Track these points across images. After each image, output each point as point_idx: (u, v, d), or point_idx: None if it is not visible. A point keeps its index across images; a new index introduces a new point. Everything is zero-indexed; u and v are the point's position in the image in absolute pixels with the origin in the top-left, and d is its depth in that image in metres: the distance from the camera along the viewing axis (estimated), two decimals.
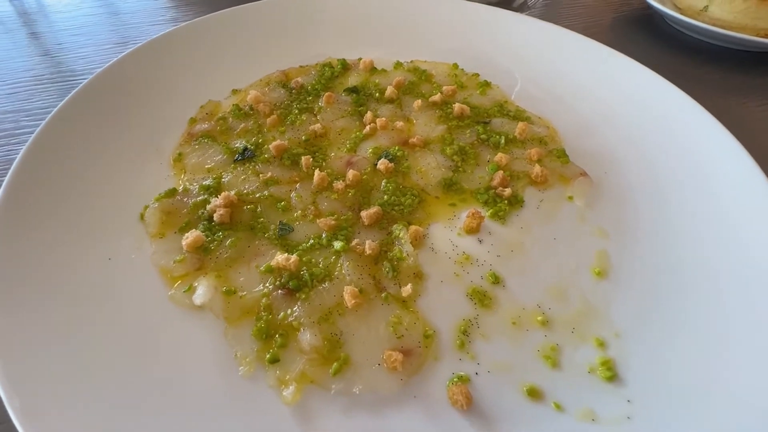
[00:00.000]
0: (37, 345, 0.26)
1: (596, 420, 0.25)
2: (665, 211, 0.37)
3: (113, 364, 0.27)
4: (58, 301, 0.29)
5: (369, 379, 0.27)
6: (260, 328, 0.29)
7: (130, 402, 0.25)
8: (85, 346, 0.27)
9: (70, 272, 0.31)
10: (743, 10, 0.61)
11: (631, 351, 0.29)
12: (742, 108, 0.56)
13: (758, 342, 0.26)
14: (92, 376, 0.26)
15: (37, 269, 0.30)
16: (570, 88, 0.51)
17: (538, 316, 0.31)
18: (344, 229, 0.36)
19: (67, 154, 0.38)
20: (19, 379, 0.24)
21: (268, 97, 0.48)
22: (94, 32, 0.66)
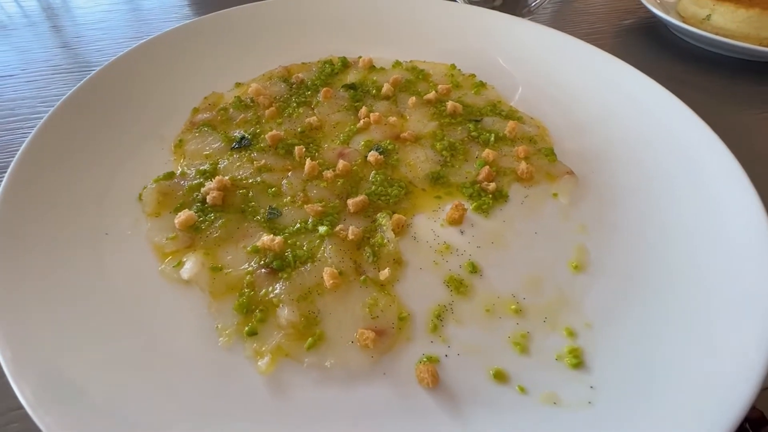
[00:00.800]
0: (36, 305, 0.28)
1: (558, 403, 0.26)
2: (647, 212, 0.38)
3: (104, 327, 0.29)
4: (57, 267, 0.31)
5: (341, 355, 0.29)
6: (242, 302, 0.31)
7: (118, 360, 0.27)
8: (79, 308, 0.29)
9: (69, 243, 0.33)
10: (746, 19, 0.61)
11: (600, 341, 0.29)
12: (741, 116, 0.56)
13: (718, 338, 0.27)
14: (85, 336, 0.28)
15: (42, 237, 0.32)
16: (565, 90, 0.52)
17: (512, 305, 0.32)
18: (330, 215, 0.37)
19: (76, 137, 0.40)
20: (16, 333, 0.26)
21: (269, 90, 0.50)
22: (111, 27, 0.69)
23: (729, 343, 0.26)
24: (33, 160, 0.36)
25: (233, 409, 0.26)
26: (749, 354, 0.25)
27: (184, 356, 0.28)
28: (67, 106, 0.42)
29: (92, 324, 0.29)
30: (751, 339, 0.25)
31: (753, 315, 0.27)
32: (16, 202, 0.33)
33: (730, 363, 0.25)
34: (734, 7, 0.61)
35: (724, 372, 0.25)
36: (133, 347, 0.28)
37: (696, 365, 0.26)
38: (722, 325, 0.27)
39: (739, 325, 0.27)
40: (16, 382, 0.24)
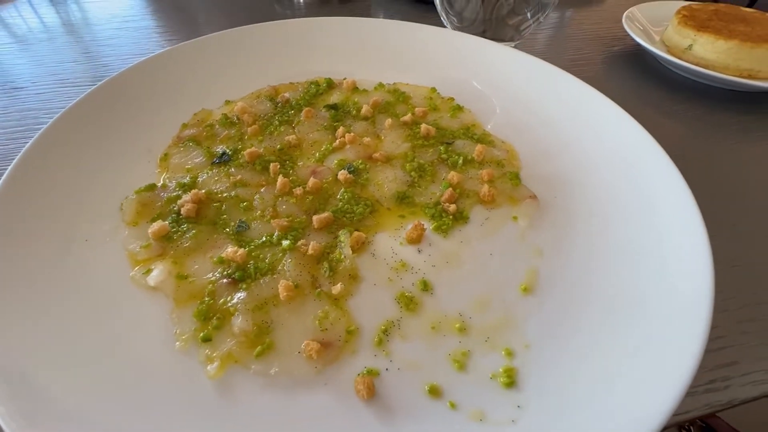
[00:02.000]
0: (11, 299, 0.31)
1: (483, 420, 0.27)
2: (601, 239, 0.39)
3: (69, 327, 0.31)
4: (36, 269, 0.34)
5: (287, 364, 0.30)
6: (201, 310, 0.33)
7: (78, 358, 0.29)
8: (49, 309, 0.31)
9: (50, 247, 0.36)
10: (725, 50, 0.62)
11: (536, 362, 0.30)
12: (716, 145, 0.57)
13: (650, 367, 0.27)
14: (49, 335, 0.30)
15: (28, 240, 0.35)
16: (540, 116, 0.53)
17: (457, 323, 0.33)
18: (295, 230, 0.39)
19: (70, 148, 0.44)
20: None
21: (254, 108, 0.53)
22: (119, 44, 0.74)
23: (653, 368, 0.27)
24: (28, 169, 0.40)
25: (181, 410, 0.28)
26: (671, 379, 0.25)
27: (141, 357, 0.30)
28: (64, 119, 0.45)
29: (58, 324, 0.31)
30: (679, 364, 0.26)
31: (684, 340, 0.28)
32: (8, 206, 0.36)
33: (650, 386, 0.26)
34: (714, 38, 0.62)
35: (645, 392, 0.26)
36: (94, 346, 0.30)
37: (621, 389, 0.27)
38: (650, 352, 0.28)
39: (670, 351, 0.28)
40: None
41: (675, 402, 0.24)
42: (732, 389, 0.32)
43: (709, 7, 0.70)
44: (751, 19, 0.67)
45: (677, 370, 0.26)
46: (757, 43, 0.60)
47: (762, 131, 0.58)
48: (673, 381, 0.25)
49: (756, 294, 0.38)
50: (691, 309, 0.29)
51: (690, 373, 0.25)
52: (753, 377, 0.33)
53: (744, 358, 0.34)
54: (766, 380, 0.32)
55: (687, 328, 0.28)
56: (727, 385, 0.32)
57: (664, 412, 0.24)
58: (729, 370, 0.33)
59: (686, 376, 0.25)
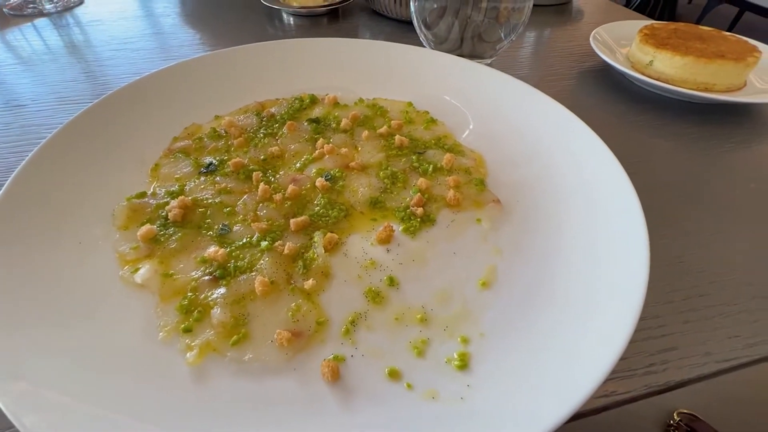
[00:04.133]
0: (8, 294, 0.34)
1: (435, 398, 0.30)
2: (555, 240, 0.42)
3: (61, 317, 0.34)
4: (31, 270, 0.36)
5: (260, 352, 0.33)
6: (183, 304, 0.36)
7: (67, 347, 0.32)
8: (42, 301, 0.34)
9: (46, 248, 0.39)
10: (683, 65, 0.66)
11: (489, 349, 0.33)
12: (676, 153, 0.60)
13: (586, 348, 0.30)
14: (44, 321, 0.33)
15: (26, 242, 0.38)
16: (508, 127, 0.57)
17: (419, 314, 0.36)
18: (273, 232, 0.42)
19: (68, 160, 0.47)
20: None
21: (241, 122, 0.57)
22: (117, 64, 0.78)
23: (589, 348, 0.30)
24: (28, 179, 0.43)
25: (161, 394, 0.30)
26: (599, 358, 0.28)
27: (126, 347, 0.33)
28: (62, 133, 0.49)
29: (49, 317, 0.34)
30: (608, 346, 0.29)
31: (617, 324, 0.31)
32: (8, 213, 0.39)
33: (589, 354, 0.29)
34: (672, 54, 0.67)
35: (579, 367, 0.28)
36: (82, 337, 0.33)
37: (559, 365, 0.30)
38: (588, 337, 0.31)
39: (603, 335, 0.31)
40: None
41: (600, 378, 0.27)
42: (669, 372, 0.35)
43: (669, 26, 0.75)
44: (707, 36, 0.72)
45: (608, 351, 0.29)
46: (711, 59, 0.64)
47: (716, 140, 0.62)
48: (604, 359, 0.28)
49: (698, 287, 0.41)
50: (626, 298, 0.32)
51: (619, 350, 0.28)
52: (690, 361, 0.35)
53: (683, 344, 0.37)
54: (701, 364, 0.35)
55: (620, 315, 0.31)
56: (665, 368, 0.35)
57: (595, 380, 0.27)
58: (668, 355, 0.36)
59: (616, 353, 0.28)
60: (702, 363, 0.35)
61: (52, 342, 0.32)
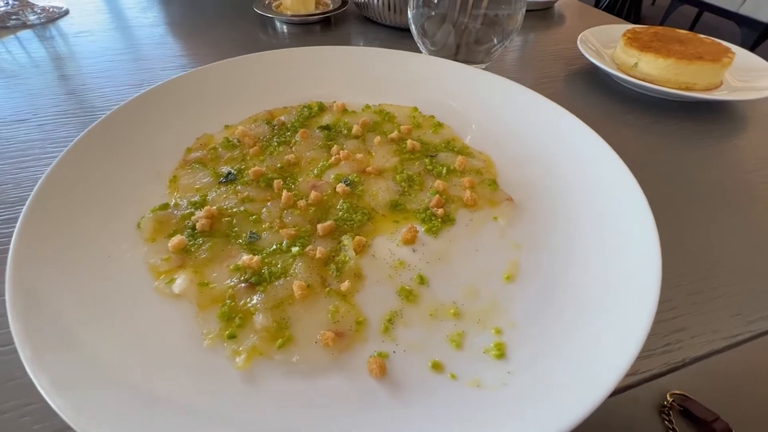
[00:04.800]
0: (49, 311, 0.33)
1: (480, 386, 0.32)
2: (568, 233, 0.44)
3: (104, 331, 0.34)
4: (65, 286, 0.36)
5: (306, 353, 0.34)
6: (224, 311, 0.36)
7: (116, 361, 0.32)
8: (81, 317, 0.34)
9: (77, 265, 0.39)
10: (665, 66, 0.71)
11: (522, 337, 0.35)
12: (663, 149, 0.65)
13: (613, 330, 0.33)
14: (87, 339, 0.33)
15: (54, 261, 0.38)
16: (510, 129, 0.60)
17: (452, 309, 0.38)
18: (302, 238, 0.44)
19: (84, 174, 0.46)
20: (30, 331, 0.31)
21: (253, 131, 0.58)
22: (114, 75, 0.77)
23: (617, 330, 0.32)
24: (47, 195, 0.42)
25: (213, 398, 0.31)
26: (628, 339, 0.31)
27: (173, 356, 0.34)
28: (76, 148, 0.48)
29: (93, 333, 0.34)
30: (631, 326, 0.32)
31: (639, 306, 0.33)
32: (34, 229, 0.39)
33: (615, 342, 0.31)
34: (655, 56, 0.72)
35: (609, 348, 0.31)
36: (127, 351, 0.33)
37: (591, 348, 0.32)
38: (613, 320, 0.34)
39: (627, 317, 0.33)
40: (35, 374, 0.29)
41: (636, 351, 0.29)
42: (684, 349, 0.38)
43: (650, 29, 0.81)
44: (685, 39, 0.77)
45: (635, 330, 0.31)
46: (691, 60, 0.69)
47: (700, 136, 0.67)
48: (633, 338, 0.31)
49: (700, 271, 0.45)
50: (644, 284, 0.35)
51: (645, 330, 0.31)
52: (701, 339, 0.39)
53: (693, 324, 0.40)
54: (711, 341, 0.39)
55: (641, 298, 0.34)
56: (680, 347, 0.38)
57: (628, 358, 0.29)
58: (681, 335, 0.39)
59: (642, 332, 0.31)
60: (711, 340, 0.39)
61: (101, 354, 0.32)
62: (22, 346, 0.30)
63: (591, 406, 0.27)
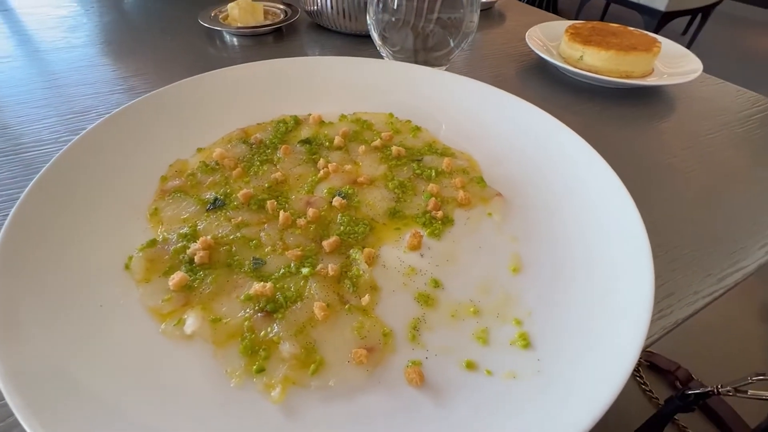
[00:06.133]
0: (46, 383, 0.30)
1: (516, 377, 0.33)
2: (556, 219, 0.47)
3: (117, 395, 0.31)
4: (64, 349, 0.33)
5: (341, 374, 0.34)
6: (246, 345, 0.35)
7: (142, 415, 0.29)
8: (88, 384, 0.31)
9: (66, 321, 0.35)
10: (608, 58, 0.78)
11: (540, 324, 0.37)
12: (614, 133, 0.71)
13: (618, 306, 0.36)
14: (100, 407, 0.30)
15: (41, 327, 0.34)
16: (482, 127, 0.62)
17: (471, 308, 0.39)
18: (309, 257, 0.43)
19: (50, 219, 0.42)
20: (38, 409, 0.28)
21: (231, 152, 0.56)
22: (54, 104, 0.70)
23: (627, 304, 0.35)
24: (17, 245, 0.38)
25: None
26: (640, 310, 0.34)
27: (200, 402, 0.32)
28: (34, 190, 0.43)
29: (105, 395, 0.31)
30: (640, 299, 0.35)
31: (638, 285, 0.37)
32: (11, 290, 0.35)
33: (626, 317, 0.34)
34: (597, 49, 0.78)
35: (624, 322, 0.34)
36: (151, 404, 0.31)
37: (604, 325, 0.35)
38: (616, 297, 0.37)
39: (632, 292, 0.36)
40: None
41: (647, 324, 0.32)
42: (675, 313, 0.42)
43: (587, 25, 0.88)
44: (618, 32, 0.85)
45: (642, 303, 0.34)
46: (628, 51, 0.77)
47: (643, 119, 0.75)
48: (642, 310, 0.34)
49: (671, 241, 0.50)
50: (638, 260, 0.39)
51: (650, 304, 0.34)
52: (686, 301, 0.43)
53: (676, 289, 0.45)
54: (694, 301, 0.43)
55: (640, 276, 0.37)
56: (671, 311, 0.42)
57: (643, 328, 0.32)
58: (670, 300, 0.43)
59: (648, 306, 0.34)
60: (693, 301, 0.44)
61: (126, 415, 0.29)
62: (32, 427, 0.26)
63: (623, 376, 0.30)
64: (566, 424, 0.28)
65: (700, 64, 0.80)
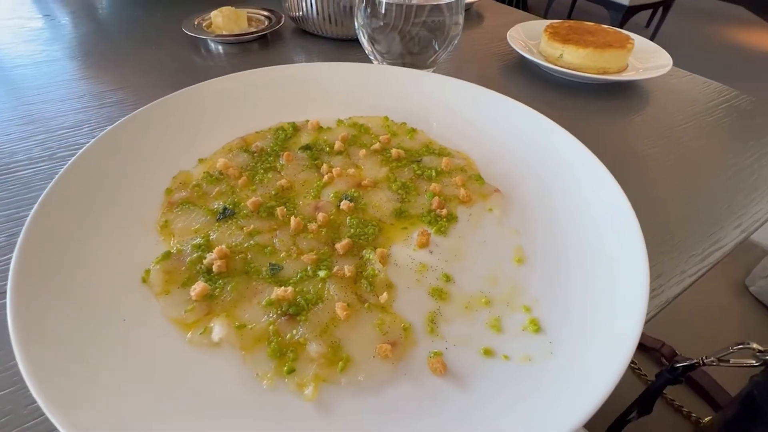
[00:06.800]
0: (85, 399, 0.30)
1: (532, 360, 0.36)
2: (552, 211, 0.50)
3: (155, 408, 0.32)
4: (95, 367, 0.33)
5: (369, 369, 0.35)
6: (274, 348, 0.36)
7: (183, 424, 0.30)
8: (126, 401, 0.32)
9: (92, 338, 0.35)
10: (585, 55, 0.82)
11: (548, 309, 0.40)
12: (595, 126, 0.75)
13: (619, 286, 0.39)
14: (140, 417, 0.31)
15: (62, 338, 0.34)
16: (474, 126, 0.65)
17: (482, 299, 0.42)
18: (324, 260, 0.44)
19: (60, 239, 0.42)
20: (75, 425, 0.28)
21: (234, 162, 0.56)
22: (41, 119, 0.69)
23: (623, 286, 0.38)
24: (25, 272, 0.38)
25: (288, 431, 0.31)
26: (638, 291, 0.37)
27: (237, 405, 0.33)
28: (40, 213, 0.43)
29: (144, 409, 0.31)
30: (637, 281, 0.38)
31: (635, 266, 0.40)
32: (26, 314, 0.35)
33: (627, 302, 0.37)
34: (575, 48, 0.83)
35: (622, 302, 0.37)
36: (188, 415, 0.32)
37: (610, 305, 0.38)
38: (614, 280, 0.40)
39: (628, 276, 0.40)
40: None
41: (646, 302, 0.36)
42: (665, 292, 0.46)
43: (564, 24, 0.92)
44: (594, 30, 0.90)
45: (639, 284, 0.38)
46: (604, 48, 0.81)
47: (621, 112, 0.79)
48: (639, 291, 0.37)
49: (658, 225, 0.54)
50: (632, 245, 0.42)
51: (647, 284, 0.37)
52: (675, 280, 0.47)
53: (664, 270, 0.48)
54: (681, 280, 0.47)
55: (635, 260, 0.40)
56: (662, 290, 0.46)
57: (642, 307, 0.35)
58: (661, 280, 0.47)
59: (645, 286, 0.37)
60: (680, 280, 0.47)
61: (167, 427, 0.30)
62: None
63: (630, 350, 0.33)
64: (585, 396, 0.31)
65: (671, 59, 0.85)
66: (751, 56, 4.04)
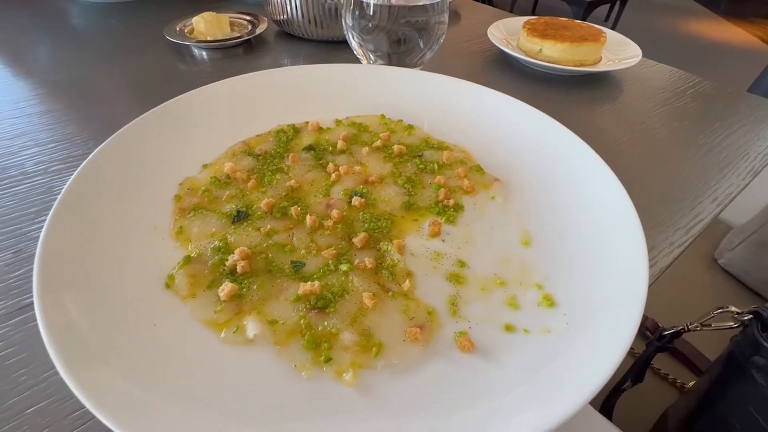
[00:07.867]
0: (131, 402, 0.31)
1: (550, 331, 0.39)
2: (550, 194, 0.54)
3: (201, 409, 0.33)
4: (132, 372, 0.34)
5: (401, 353, 0.37)
6: (308, 340, 0.37)
7: (237, 421, 0.31)
8: (172, 405, 0.32)
9: (128, 346, 0.36)
10: (563, 50, 0.87)
11: (558, 285, 0.43)
12: (575, 114, 0.80)
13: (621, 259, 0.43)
14: (188, 420, 0.32)
15: (97, 349, 0.34)
16: (467, 120, 0.68)
17: (496, 280, 0.45)
18: (344, 254, 0.46)
19: (79, 251, 0.42)
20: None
21: (240, 165, 0.57)
22: (29, 132, 0.67)
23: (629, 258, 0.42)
24: (49, 287, 0.38)
25: (335, 415, 0.33)
26: (639, 263, 0.41)
27: (283, 397, 0.34)
28: (53, 227, 0.42)
29: (189, 411, 0.32)
30: (637, 255, 0.42)
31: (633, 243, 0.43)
32: (58, 330, 0.35)
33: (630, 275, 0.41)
34: (553, 42, 0.87)
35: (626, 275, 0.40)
36: (234, 411, 0.33)
37: (615, 278, 0.41)
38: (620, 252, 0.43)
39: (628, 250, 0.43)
40: None
41: (647, 274, 0.39)
42: (659, 263, 0.50)
43: (541, 20, 0.97)
44: (568, 26, 0.95)
45: (638, 256, 0.41)
46: (580, 42, 0.86)
47: (598, 101, 0.84)
48: (640, 262, 0.40)
49: (643, 203, 0.58)
50: (628, 223, 0.46)
51: (645, 256, 0.41)
52: (665, 252, 0.51)
53: (656, 243, 0.53)
54: (670, 252, 0.52)
55: (632, 237, 0.44)
56: (655, 262, 0.50)
57: (644, 277, 0.38)
58: (653, 253, 0.51)
59: (644, 258, 0.41)
60: (670, 251, 0.52)
61: (221, 425, 0.31)
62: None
63: (637, 317, 0.36)
64: (602, 360, 0.34)
65: (640, 50, 0.91)
66: (705, 44, 4.31)
